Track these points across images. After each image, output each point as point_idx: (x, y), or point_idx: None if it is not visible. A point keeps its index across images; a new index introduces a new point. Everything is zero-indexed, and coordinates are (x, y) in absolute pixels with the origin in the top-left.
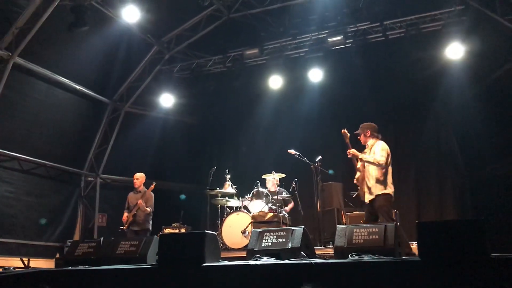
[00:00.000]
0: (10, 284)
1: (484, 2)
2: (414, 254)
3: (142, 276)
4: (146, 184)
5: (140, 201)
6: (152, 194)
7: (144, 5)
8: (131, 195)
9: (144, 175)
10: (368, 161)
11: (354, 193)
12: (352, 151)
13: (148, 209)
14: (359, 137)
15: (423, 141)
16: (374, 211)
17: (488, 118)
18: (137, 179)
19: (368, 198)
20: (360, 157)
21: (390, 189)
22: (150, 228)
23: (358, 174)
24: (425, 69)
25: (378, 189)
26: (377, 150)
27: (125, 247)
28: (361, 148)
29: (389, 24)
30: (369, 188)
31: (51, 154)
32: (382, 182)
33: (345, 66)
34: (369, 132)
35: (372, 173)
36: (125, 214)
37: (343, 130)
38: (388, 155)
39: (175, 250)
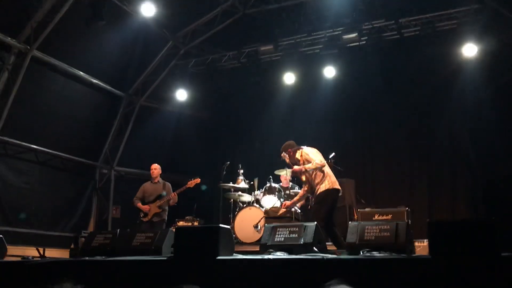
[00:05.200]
0: (31, 273)
1: (500, 1)
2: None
3: (158, 267)
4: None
5: (174, 194)
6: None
7: (160, 0)
8: (148, 185)
9: (159, 166)
10: (312, 168)
11: (309, 204)
12: (295, 168)
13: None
14: (287, 160)
15: (437, 139)
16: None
17: (503, 117)
18: (154, 169)
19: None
20: (303, 169)
21: (330, 185)
22: (166, 219)
23: (306, 186)
24: (440, 68)
25: (321, 188)
26: (309, 156)
27: (141, 239)
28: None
29: (404, 22)
30: (317, 191)
31: (67, 146)
32: (324, 180)
33: (360, 64)
34: (291, 150)
35: (314, 178)
36: (147, 206)
37: (282, 154)
38: (320, 154)
39: (190, 242)
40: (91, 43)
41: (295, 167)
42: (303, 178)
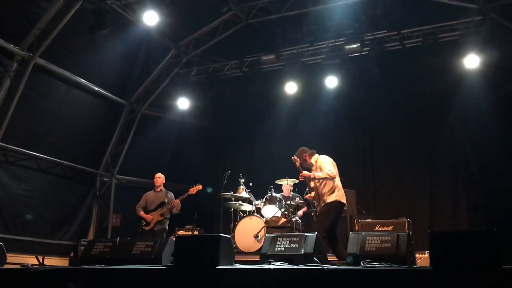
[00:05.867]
0: (30, 281)
1: (502, 13)
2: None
3: (158, 276)
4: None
5: (177, 200)
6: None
7: (163, 9)
8: (151, 194)
9: (163, 175)
10: (321, 178)
11: (312, 211)
12: (304, 173)
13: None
14: (297, 164)
15: (438, 150)
16: None
17: (504, 129)
18: (158, 177)
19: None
20: (312, 176)
21: (338, 198)
22: (167, 228)
23: (313, 193)
24: (442, 79)
25: (329, 199)
26: (323, 165)
27: (141, 247)
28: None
29: (406, 33)
30: (323, 201)
31: (68, 153)
32: (333, 191)
33: (362, 74)
34: (306, 155)
35: (323, 187)
36: (150, 215)
37: (292, 157)
38: (334, 165)
39: (190, 252)
40: (94, 51)
41: (305, 172)
42: (311, 184)
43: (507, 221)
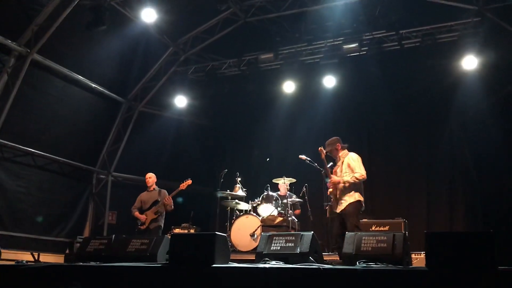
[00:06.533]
0: (24, 277)
1: (501, 14)
2: None
3: (153, 274)
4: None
5: (169, 196)
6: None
7: (162, 6)
8: (144, 195)
9: (154, 175)
10: (350, 182)
11: (326, 204)
12: (333, 180)
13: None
14: (322, 155)
15: (436, 151)
16: (343, 220)
17: (502, 130)
18: (149, 177)
19: (339, 209)
20: (342, 182)
21: (360, 197)
22: (162, 226)
23: (331, 188)
24: (440, 80)
25: (350, 199)
26: (353, 164)
27: (136, 245)
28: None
29: (404, 33)
30: (340, 200)
31: (65, 150)
32: (355, 191)
33: (360, 74)
34: (339, 145)
35: (346, 186)
36: (143, 215)
37: (320, 148)
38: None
39: (185, 250)
40: (92, 48)
41: (334, 178)
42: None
43: (504, 223)
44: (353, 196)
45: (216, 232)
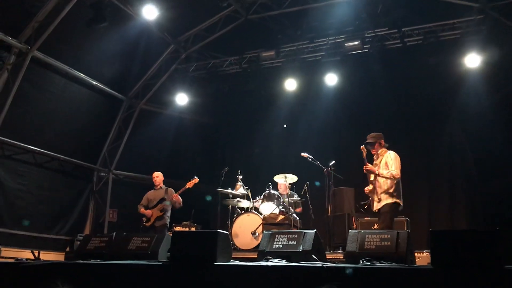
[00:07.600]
0: (25, 275)
1: (503, 12)
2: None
3: (154, 272)
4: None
5: (176, 194)
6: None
7: (163, 3)
8: (151, 193)
9: (161, 173)
10: (385, 177)
11: (365, 203)
12: (369, 167)
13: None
14: (372, 148)
15: (438, 149)
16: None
17: (504, 128)
18: (157, 177)
19: (376, 206)
20: (377, 173)
21: (398, 199)
22: (168, 224)
23: (371, 186)
24: (442, 77)
25: (387, 199)
26: (390, 162)
27: (137, 243)
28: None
29: (407, 31)
30: (379, 198)
31: (65, 148)
32: (392, 192)
33: (362, 72)
34: (383, 142)
35: (383, 184)
36: (149, 210)
37: (362, 147)
38: (400, 166)
39: (187, 248)
40: (93, 45)
41: (369, 165)
42: (371, 177)
43: (506, 222)
44: (391, 197)
45: (218, 230)
